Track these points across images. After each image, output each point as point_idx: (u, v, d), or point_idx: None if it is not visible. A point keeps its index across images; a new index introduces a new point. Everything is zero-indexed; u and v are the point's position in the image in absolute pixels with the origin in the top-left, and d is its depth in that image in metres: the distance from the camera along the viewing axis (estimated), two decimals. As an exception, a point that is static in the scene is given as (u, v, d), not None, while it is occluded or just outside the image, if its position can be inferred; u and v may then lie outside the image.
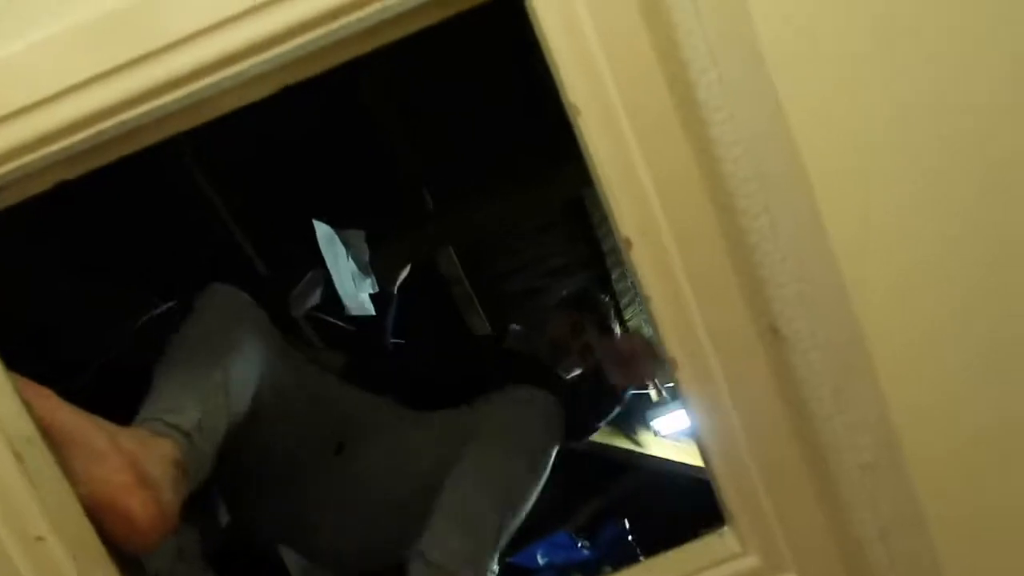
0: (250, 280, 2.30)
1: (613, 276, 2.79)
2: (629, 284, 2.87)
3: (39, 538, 0.73)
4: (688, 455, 3.08)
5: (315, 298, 2.07)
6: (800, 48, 0.69)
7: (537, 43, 0.71)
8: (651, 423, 3.08)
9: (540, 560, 2.32)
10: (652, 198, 0.71)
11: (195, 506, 1.53)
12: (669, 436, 3.11)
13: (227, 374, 1.15)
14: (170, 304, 1.97)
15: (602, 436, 2.81)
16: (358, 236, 2.05)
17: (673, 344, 0.73)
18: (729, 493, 0.75)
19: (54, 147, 0.69)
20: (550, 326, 1.89)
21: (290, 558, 1.74)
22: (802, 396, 0.74)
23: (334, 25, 0.68)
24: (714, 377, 0.72)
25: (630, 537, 1.83)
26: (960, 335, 0.71)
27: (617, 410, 1.72)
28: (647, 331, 3.01)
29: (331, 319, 2.29)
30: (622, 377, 1.62)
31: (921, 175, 0.71)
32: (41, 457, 0.76)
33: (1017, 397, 0.72)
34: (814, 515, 0.74)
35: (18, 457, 0.73)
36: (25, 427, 0.75)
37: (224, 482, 1.38)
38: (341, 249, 2.01)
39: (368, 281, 2.03)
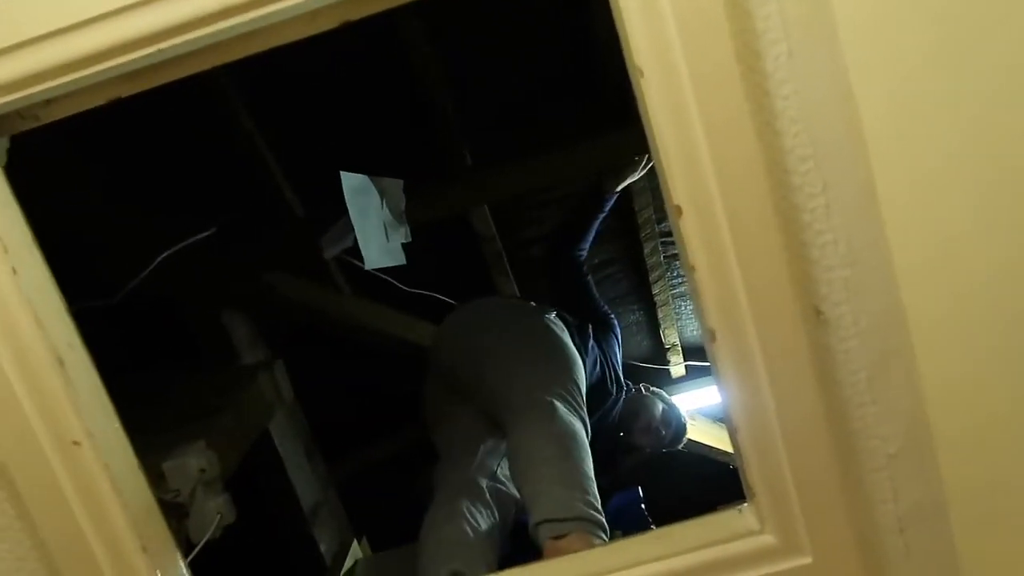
0: (287, 221, 2.32)
1: (645, 250, 2.77)
2: (660, 259, 2.85)
3: (75, 442, 0.75)
4: (702, 434, 3.08)
5: (347, 242, 2.08)
6: (878, 33, 0.67)
7: (603, 4, 0.70)
8: (668, 400, 3.08)
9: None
10: (707, 167, 0.69)
11: (218, 435, 1.57)
12: (686, 413, 3.10)
13: None
14: (201, 235, 1.99)
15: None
16: (395, 185, 2.04)
17: (713, 316, 0.72)
18: (753, 470, 0.75)
19: (108, 64, 0.69)
20: None
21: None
22: (837, 380, 0.74)
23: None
24: (752, 352, 0.72)
25: (643, 505, 1.85)
26: (1009, 331, 0.70)
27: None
28: (673, 307, 3.00)
29: (360, 263, 2.30)
30: None
31: (989, 172, 0.69)
32: (82, 362, 0.77)
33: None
34: (836, 500, 0.74)
35: (60, 362, 0.74)
36: (67, 332, 0.77)
37: None
38: (372, 199, 2.00)
39: (402, 231, 2.03)
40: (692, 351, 3.13)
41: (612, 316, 2.35)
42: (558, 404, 1.60)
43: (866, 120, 0.71)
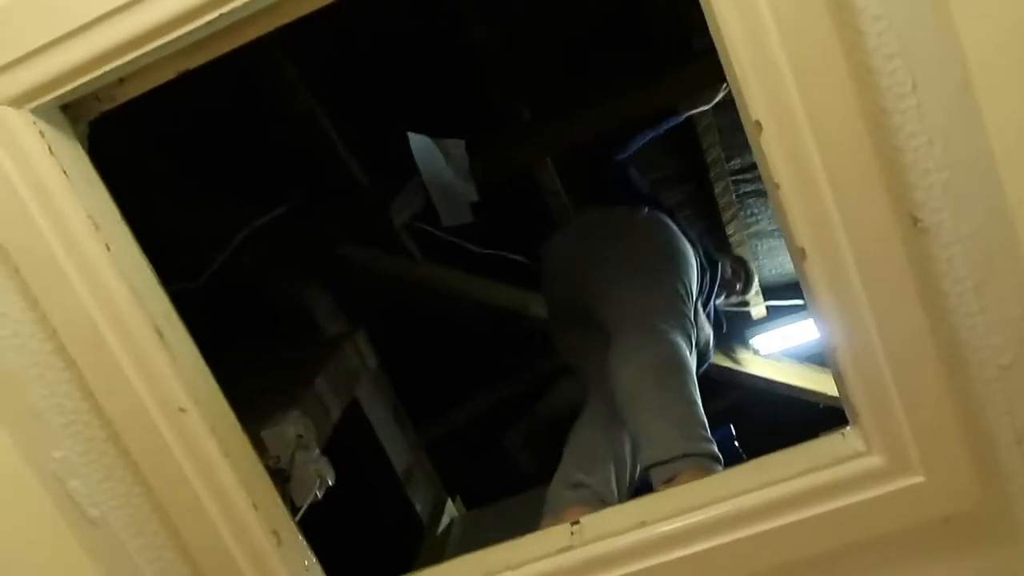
0: (354, 194, 2.35)
1: (716, 189, 2.70)
2: (732, 199, 2.77)
3: (182, 409, 0.78)
4: (789, 375, 3.02)
5: (416, 206, 2.10)
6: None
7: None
8: (750, 342, 3.02)
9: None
10: (786, 76, 0.66)
11: (310, 403, 1.62)
12: (768, 355, 3.04)
13: None
14: (274, 213, 2.03)
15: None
16: (458, 145, 2.04)
17: (803, 233, 0.69)
18: (855, 390, 0.72)
19: (174, 34, 0.70)
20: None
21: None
22: (941, 291, 0.70)
23: None
24: (846, 268, 0.69)
25: (736, 443, 1.82)
26: None
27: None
28: (749, 246, 2.92)
29: (431, 228, 2.32)
30: None
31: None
32: (180, 334, 0.80)
33: None
34: (946, 416, 0.71)
35: (159, 333, 0.77)
36: (164, 305, 0.80)
37: None
38: (439, 159, 2.01)
39: (469, 189, 2.03)
40: (772, 291, 3.05)
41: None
42: (658, 324, 1.53)
43: (956, 9, 0.66)
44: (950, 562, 0.75)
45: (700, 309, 1.86)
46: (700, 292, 1.89)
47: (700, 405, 1.42)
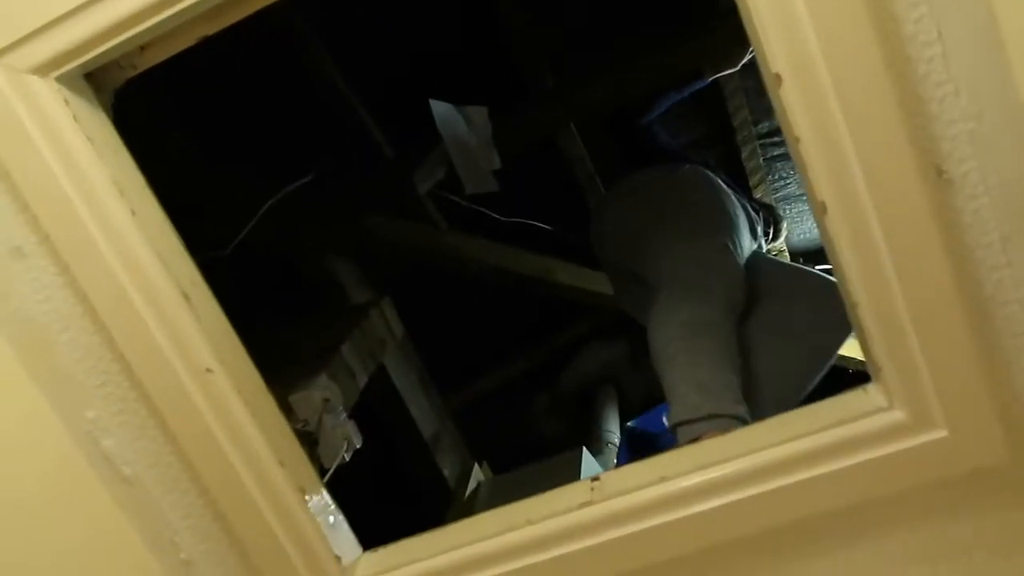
0: (378, 162, 2.36)
1: (743, 154, 2.66)
2: (759, 162, 2.73)
3: (208, 370, 0.79)
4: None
5: (439, 174, 2.10)
6: None
7: None
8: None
9: (665, 422, 2.37)
10: (806, 26, 0.65)
11: (336, 368, 1.64)
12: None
13: None
14: (299, 182, 2.04)
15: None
16: (480, 113, 2.03)
17: (823, 187, 0.68)
18: (878, 345, 0.72)
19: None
20: None
21: None
22: (967, 244, 0.69)
23: None
24: (868, 222, 0.68)
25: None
26: None
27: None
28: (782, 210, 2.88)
29: (455, 197, 2.33)
30: None
31: None
32: (206, 297, 0.82)
33: None
34: (971, 371, 0.70)
35: (186, 296, 0.78)
36: (189, 269, 0.81)
37: None
38: (462, 126, 2.00)
39: (492, 157, 2.02)
40: (800, 256, 3.02)
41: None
42: (700, 283, 1.51)
43: (984, -48, 0.64)
44: (974, 517, 0.74)
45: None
46: (754, 239, 1.87)
47: (734, 367, 1.40)
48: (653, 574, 0.79)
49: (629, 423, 2.61)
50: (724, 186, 1.88)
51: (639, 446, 2.47)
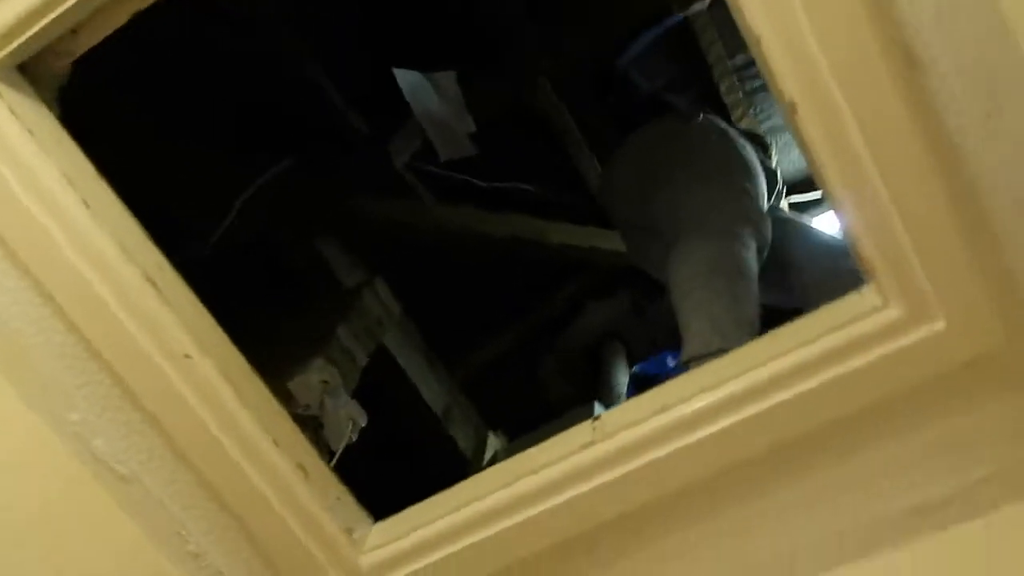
0: (355, 142, 2.32)
1: (721, 88, 2.62)
2: (739, 96, 2.69)
3: (187, 356, 0.77)
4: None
5: (415, 144, 2.06)
6: None
7: None
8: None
9: (671, 363, 2.36)
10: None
11: (333, 352, 1.62)
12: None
13: None
14: (276, 169, 2.01)
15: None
16: (448, 77, 1.99)
17: (790, 86, 0.65)
18: (866, 245, 0.69)
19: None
20: None
21: None
22: (947, 127, 0.66)
23: None
24: (841, 116, 0.65)
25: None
26: None
27: None
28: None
29: (437, 169, 2.29)
30: None
31: None
32: (174, 282, 0.79)
33: None
34: (962, 257, 0.68)
35: (153, 283, 0.76)
36: (154, 256, 0.79)
37: None
38: (431, 94, 1.96)
39: (465, 121, 1.99)
40: (789, 187, 2.98)
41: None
42: (719, 226, 1.50)
43: None
44: (975, 409, 0.72)
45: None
46: (771, 187, 1.85)
47: (752, 307, 1.38)
48: (666, 505, 0.78)
49: (633, 368, 2.61)
50: (738, 135, 1.84)
51: (645, 389, 2.47)
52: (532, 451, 0.83)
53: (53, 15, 0.69)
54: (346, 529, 0.86)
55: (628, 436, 0.76)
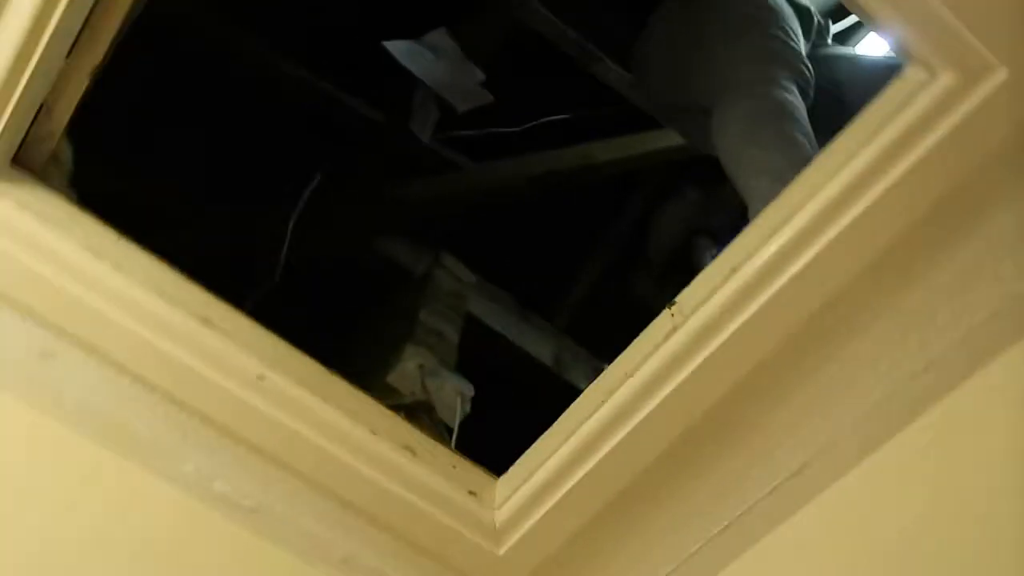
0: (376, 133, 2.32)
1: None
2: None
3: (260, 377, 0.79)
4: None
5: (434, 113, 2.04)
6: None
7: None
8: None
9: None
10: None
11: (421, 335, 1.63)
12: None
13: None
14: (310, 187, 2.02)
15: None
16: (440, 34, 1.95)
17: None
18: (894, 20, 0.62)
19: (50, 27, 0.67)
20: None
21: None
22: None
23: None
24: None
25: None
26: None
27: None
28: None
29: (465, 132, 2.26)
30: None
31: None
32: (227, 314, 0.81)
33: None
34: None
35: (205, 320, 0.77)
36: (200, 295, 0.80)
37: None
38: (428, 56, 1.93)
39: (472, 71, 1.94)
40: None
41: None
42: (753, 76, 1.42)
43: None
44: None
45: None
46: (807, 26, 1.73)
47: (806, 145, 1.28)
48: (767, 371, 0.73)
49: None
50: None
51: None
52: (620, 359, 0.80)
53: (15, 98, 0.69)
54: (470, 492, 0.86)
55: (707, 310, 0.72)
